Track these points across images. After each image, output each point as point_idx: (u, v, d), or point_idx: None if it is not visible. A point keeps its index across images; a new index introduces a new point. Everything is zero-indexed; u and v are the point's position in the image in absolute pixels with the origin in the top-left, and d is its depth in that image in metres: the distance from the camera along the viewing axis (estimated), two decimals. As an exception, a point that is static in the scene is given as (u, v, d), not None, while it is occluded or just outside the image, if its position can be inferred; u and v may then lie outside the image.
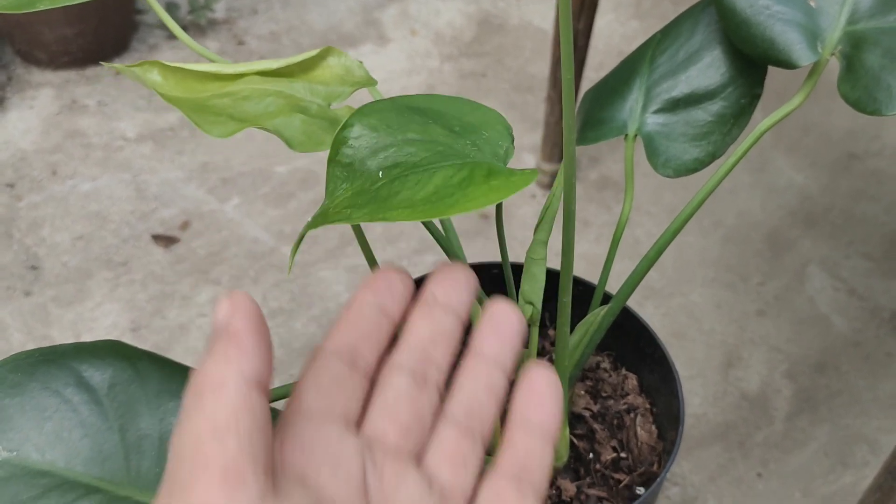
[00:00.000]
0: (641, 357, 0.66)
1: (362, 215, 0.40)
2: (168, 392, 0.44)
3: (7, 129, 1.44)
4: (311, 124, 0.47)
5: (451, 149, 0.43)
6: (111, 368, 0.43)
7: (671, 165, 0.56)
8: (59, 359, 0.43)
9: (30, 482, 0.40)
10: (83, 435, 0.42)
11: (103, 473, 0.41)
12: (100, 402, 0.43)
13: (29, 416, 0.42)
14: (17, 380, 0.42)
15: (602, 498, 0.59)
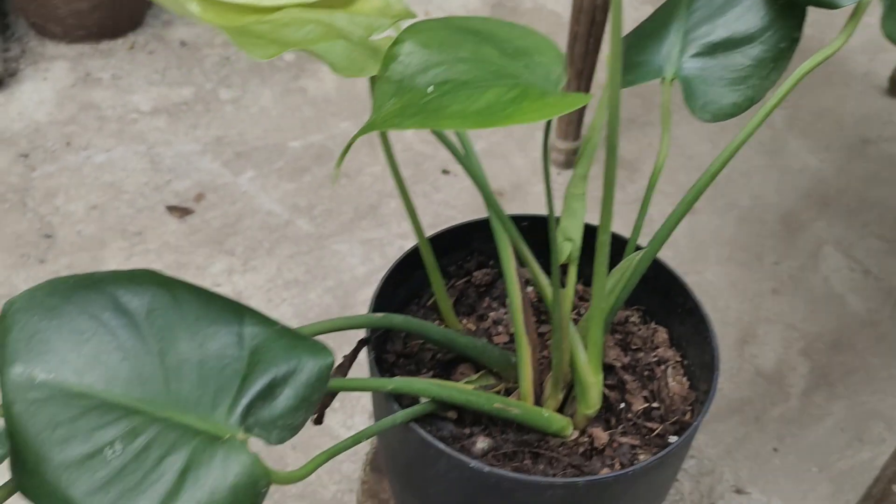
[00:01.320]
0: (672, 309, 0.65)
1: (413, 123, 0.40)
2: (206, 318, 0.43)
3: (21, 100, 1.44)
4: (353, 50, 0.47)
5: (504, 69, 0.43)
6: (148, 294, 0.43)
7: (709, 109, 0.56)
8: (95, 284, 0.43)
9: (68, 403, 0.40)
10: (122, 358, 0.41)
11: (143, 395, 0.41)
12: (138, 326, 0.42)
13: (66, 340, 0.41)
14: (53, 303, 0.42)
15: (635, 446, 0.59)
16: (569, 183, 0.50)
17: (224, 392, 0.41)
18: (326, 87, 1.54)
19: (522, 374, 0.60)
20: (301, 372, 0.42)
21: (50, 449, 0.38)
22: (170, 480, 0.38)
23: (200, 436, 0.40)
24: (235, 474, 0.39)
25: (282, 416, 0.41)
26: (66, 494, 0.38)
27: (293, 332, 0.43)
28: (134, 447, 0.39)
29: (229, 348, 0.42)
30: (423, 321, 0.56)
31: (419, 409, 0.54)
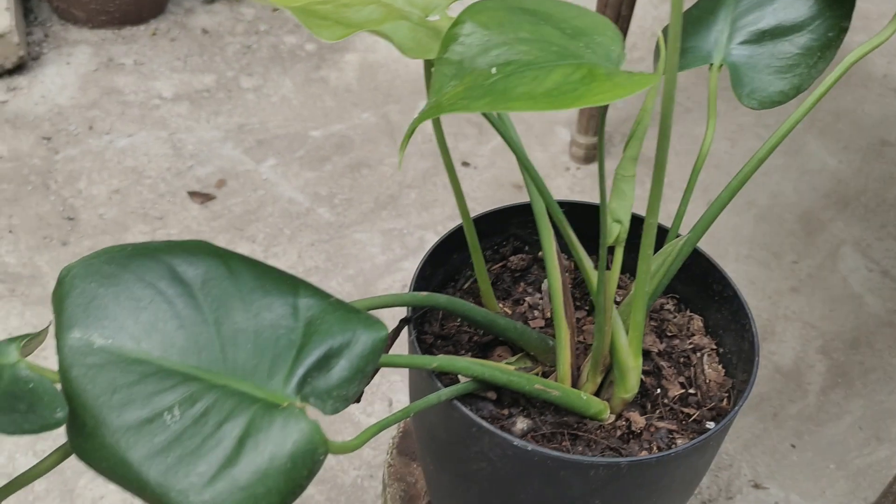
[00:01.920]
0: (708, 297, 0.66)
1: (481, 105, 0.40)
2: (261, 289, 0.43)
3: (44, 83, 1.44)
4: (417, 31, 0.47)
5: (565, 49, 0.43)
6: (204, 265, 0.43)
7: (756, 97, 0.56)
8: (152, 253, 0.43)
9: (126, 369, 0.40)
10: (178, 326, 0.42)
11: (200, 363, 0.41)
12: (194, 296, 0.42)
13: (124, 307, 0.41)
14: (111, 271, 0.42)
15: (672, 430, 0.59)
16: (618, 165, 0.50)
17: (280, 362, 0.42)
18: (347, 77, 1.54)
19: (561, 358, 0.60)
20: (356, 344, 0.42)
21: (108, 413, 0.39)
22: (229, 446, 0.39)
23: (259, 403, 0.40)
24: (295, 441, 0.39)
25: (336, 386, 0.42)
26: (125, 457, 0.38)
27: (347, 305, 0.44)
28: (192, 413, 0.39)
29: (284, 319, 0.42)
30: (465, 302, 0.56)
31: (461, 388, 0.55)
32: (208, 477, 0.37)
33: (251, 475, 0.38)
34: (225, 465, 0.38)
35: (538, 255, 0.72)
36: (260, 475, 0.38)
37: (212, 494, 0.37)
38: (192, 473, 0.37)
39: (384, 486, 0.80)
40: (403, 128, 1.45)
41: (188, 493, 0.37)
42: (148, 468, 0.38)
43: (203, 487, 0.37)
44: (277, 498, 0.38)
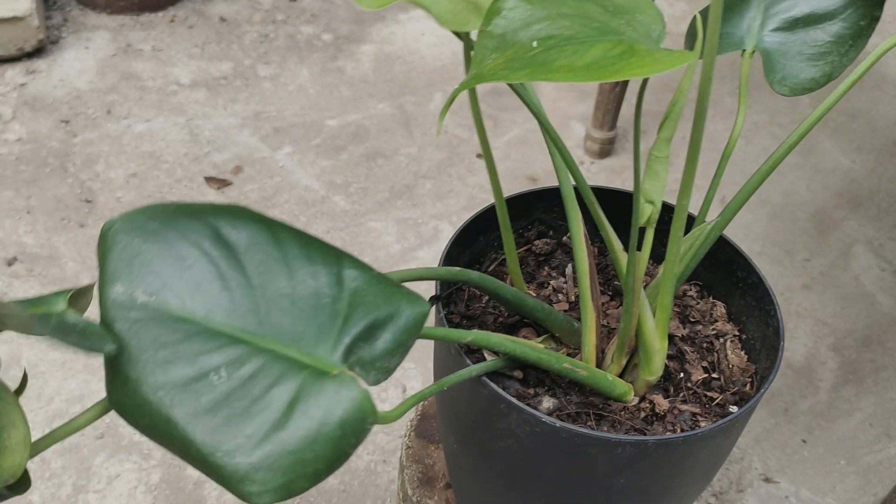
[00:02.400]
0: (732, 284, 0.66)
1: (522, 75, 0.41)
2: (306, 257, 0.43)
3: (63, 67, 1.45)
4: (455, 3, 0.48)
5: (606, 26, 0.43)
6: (248, 229, 0.43)
7: (787, 83, 0.56)
8: (196, 213, 0.42)
9: (170, 327, 0.40)
10: (222, 288, 0.41)
11: (245, 326, 0.41)
12: (238, 259, 0.42)
13: (168, 264, 0.41)
14: (154, 227, 0.41)
15: (695, 413, 0.60)
16: (652, 146, 0.51)
17: (326, 330, 0.41)
18: (364, 68, 1.54)
19: (586, 340, 0.61)
20: (400, 318, 0.42)
21: (153, 370, 0.38)
22: (278, 410, 0.38)
23: (308, 369, 0.40)
24: (345, 408, 0.39)
25: (380, 357, 0.41)
26: (168, 415, 0.38)
27: (389, 279, 0.44)
28: (240, 375, 0.39)
29: (329, 288, 0.42)
30: (497, 280, 0.57)
31: (491, 365, 0.55)
32: (257, 439, 0.37)
33: (300, 440, 0.38)
34: (273, 429, 0.38)
35: (562, 240, 0.72)
36: (309, 441, 0.38)
37: (259, 456, 0.37)
38: (239, 435, 0.37)
39: (402, 467, 0.80)
40: (418, 119, 1.45)
41: (235, 453, 0.37)
42: (193, 427, 0.38)
43: (251, 449, 0.37)
44: (324, 465, 0.38)
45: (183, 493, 0.95)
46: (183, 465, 0.97)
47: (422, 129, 1.43)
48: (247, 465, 0.37)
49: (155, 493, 0.94)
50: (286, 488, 0.38)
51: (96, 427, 0.99)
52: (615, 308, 0.67)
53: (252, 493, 0.37)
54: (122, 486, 0.94)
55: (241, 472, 0.37)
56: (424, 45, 1.60)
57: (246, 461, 0.37)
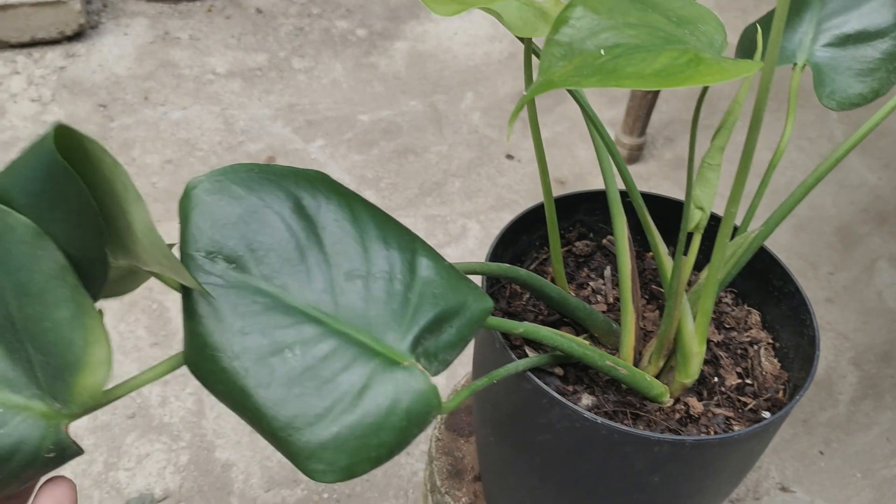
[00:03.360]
0: (767, 293, 0.67)
1: (592, 82, 0.42)
2: (383, 240, 0.42)
3: (102, 52, 1.47)
4: (525, 11, 0.49)
5: (671, 35, 0.45)
6: (329, 203, 0.42)
7: (835, 98, 0.58)
8: (278, 180, 0.41)
9: (248, 297, 0.39)
10: (300, 261, 0.40)
11: (319, 304, 0.40)
12: (317, 234, 0.41)
13: (251, 232, 0.40)
14: (239, 192, 0.40)
15: (729, 417, 0.61)
16: (705, 154, 0.52)
17: (398, 318, 0.41)
18: (397, 65, 1.56)
19: (624, 340, 0.62)
20: (466, 312, 0.42)
21: (230, 337, 0.38)
22: (348, 393, 0.39)
23: (380, 357, 0.40)
24: (413, 400, 0.39)
25: (443, 349, 0.42)
26: (243, 384, 0.38)
27: (458, 271, 0.44)
28: (314, 354, 0.39)
29: (402, 275, 0.42)
30: (542, 278, 0.58)
31: (536, 361, 0.57)
32: (327, 420, 0.38)
33: (367, 426, 0.38)
34: (343, 412, 0.38)
35: (602, 243, 0.73)
36: (375, 427, 0.38)
37: (328, 436, 0.38)
38: (310, 413, 0.38)
39: (430, 458, 0.82)
40: (450, 117, 1.47)
41: (304, 431, 0.38)
42: (266, 400, 0.38)
43: (321, 429, 0.38)
44: (386, 451, 0.39)
45: (211, 475, 0.97)
46: (211, 447, 0.99)
47: (453, 128, 1.45)
48: (315, 443, 0.38)
49: (183, 473, 0.96)
50: (349, 470, 0.39)
51: (128, 407, 1.02)
52: (651, 311, 0.69)
53: (317, 471, 0.38)
54: (152, 465, 0.96)
55: (309, 449, 0.38)
56: (457, 45, 1.62)
57: (315, 439, 0.38)
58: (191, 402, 1.03)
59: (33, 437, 0.33)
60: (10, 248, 0.33)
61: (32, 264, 0.33)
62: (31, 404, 0.33)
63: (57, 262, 0.33)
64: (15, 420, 0.33)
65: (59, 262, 0.33)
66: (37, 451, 0.33)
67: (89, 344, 0.33)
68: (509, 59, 1.62)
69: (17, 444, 0.32)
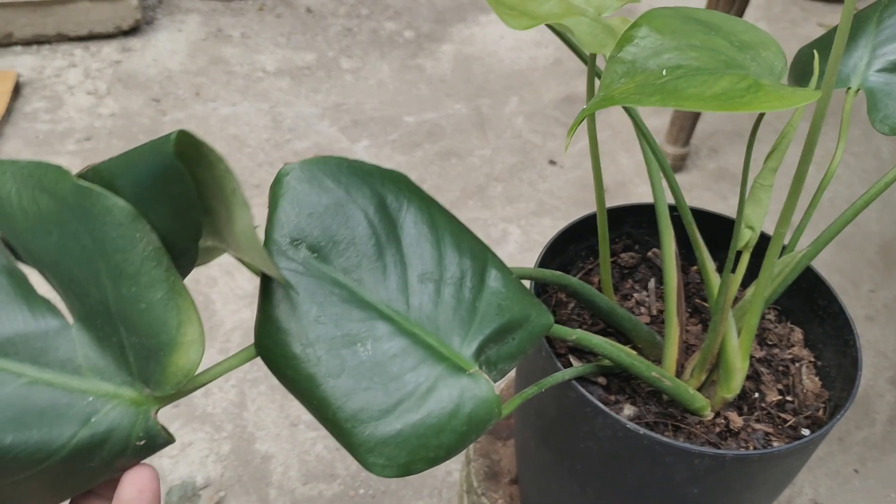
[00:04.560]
0: (811, 311, 0.68)
1: (653, 101, 0.43)
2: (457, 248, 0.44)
3: (156, 47, 1.51)
4: (594, 27, 0.50)
5: (733, 60, 0.46)
6: (410, 205, 0.43)
7: (888, 122, 0.58)
8: (365, 176, 0.42)
9: (326, 288, 0.40)
10: (378, 259, 0.41)
11: (390, 303, 0.41)
12: (397, 234, 0.42)
13: (336, 224, 0.41)
14: (329, 185, 0.41)
15: (768, 433, 0.62)
16: (758, 174, 0.53)
17: (465, 325, 0.43)
18: (443, 67, 1.58)
19: (667, 353, 0.63)
20: (528, 325, 0.43)
21: (305, 325, 0.39)
22: (414, 394, 0.40)
23: (447, 362, 0.41)
24: (476, 405, 0.40)
25: (503, 359, 0.43)
26: (312, 372, 0.39)
27: (523, 285, 0.45)
28: (383, 350, 0.40)
29: (473, 283, 0.43)
30: (592, 287, 0.59)
31: (583, 370, 0.58)
32: (391, 416, 0.39)
33: (429, 427, 0.39)
34: (408, 410, 0.39)
35: (647, 255, 0.74)
36: (437, 429, 0.39)
37: (391, 433, 0.39)
38: (375, 408, 0.39)
39: (468, 460, 0.83)
40: (493, 121, 1.48)
41: (368, 424, 0.39)
42: (333, 390, 0.39)
43: (385, 424, 0.39)
44: (444, 452, 0.40)
45: (250, 465, 0.99)
46: (251, 439, 1.02)
47: (496, 132, 1.46)
48: (378, 437, 0.39)
49: (224, 463, 0.99)
50: (406, 467, 0.40)
51: (173, 394, 1.04)
52: (694, 325, 0.70)
53: (376, 465, 0.39)
54: (195, 453, 0.99)
55: (371, 443, 0.39)
56: (503, 49, 1.63)
57: (378, 434, 0.39)
58: (233, 393, 1.06)
59: (124, 425, 0.34)
60: (107, 230, 0.34)
61: (129, 245, 0.34)
62: (121, 391, 0.35)
63: (153, 244, 0.34)
64: (106, 407, 0.34)
65: (154, 244, 0.34)
66: (127, 438, 0.34)
67: (182, 324, 0.34)
68: (555, 65, 1.62)
69: (108, 431, 0.34)
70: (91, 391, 0.34)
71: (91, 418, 0.33)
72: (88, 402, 0.34)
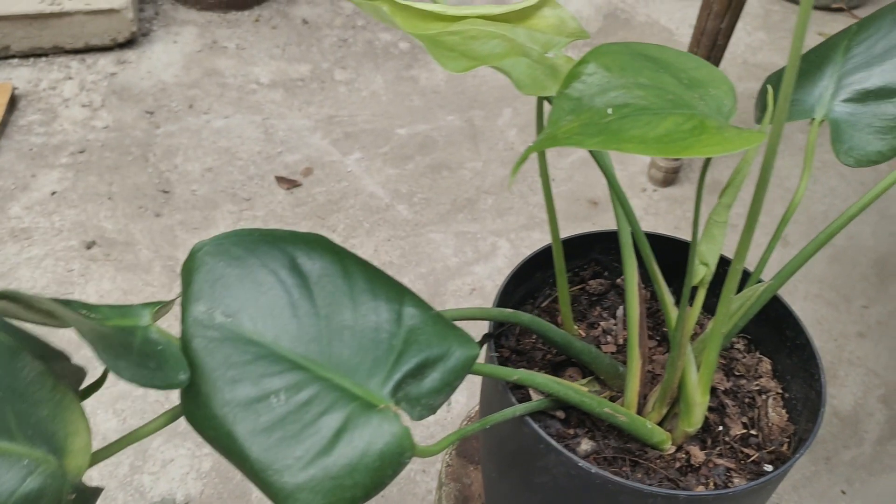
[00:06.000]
0: (780, 342, 0.67)
1: (594, 143, 0.43)
2: (371, 292, 0.46)
3: (151, 60, 1.52)
4: (534, 68, 0.50)
5: (680, 98, 0.45)
6: (322, 260, 0.46)
7: (853, 154, 0.57)
8: (276, 241, 0.46)
9: (242, 348, 0.43)
10: (292, 315, 0.44)
11: (307, 353, 0.44)
12: (310, 288, 0.45)
13: (247, 289, 0.44)
14: (238, 253, 0.45)
15: (730, 469, 0.61)
16: (712, 210, 0.52)
17: (380, 364, 0.44)
18: (436, 79, 1.58)
19: (629, 385, 0.63)
20: (450, 358, 0.45)
21: (221, 386, 0.42)
22: (326, 437, 0.42)
23: (358, 401, 0.43)
24: (386, 442, 0.42)
25: (426, 395, 0.44)
26: (231, 430, 0.41)
27: (445, 319, 0.46)
28: (297, 400, 0.42)
29: (388, 324, 0.45)
30: (546, 322, 0.59)
31: (535, 405, 0.58)
32: (305, 462, 0.41)
33: (342, 467, 0.41)
34: (320, 454, 0.41)
35: (616, 282, 0.74)
36: (350, 468, 0.41)
37: (305, 478, 0.40)
38: (290, 456, 0.41)
39: (440, 483, 0.83)
40: (486, 133, 1.48)
41: (284, 472, 0.41)
42: (251, 444, 0.41)
43: (299, 470, 0.41)
44: (362, 492, 0.41)
45: (231, 482, 0.99)
46: (234, 454, 1.02)
47: (488, 144, 1.46)
48: (293, 485, 0.41)
49: (205, 480, 0.99)
50: None
51: (156, 411, 1.05)
52: (662, 354, 0.69)
53: None
54: (176, 470, 1.00)
55: (287, 490, 0.40)
56: (498, 60, 1.63)
57: (292, 481, 0.40)
58: (217, 409, 1.06)
59: (55, 483, 0.37)
60: None
61: (15, 373, 0.38)
62: (48, 458, 0.37)
63: (35, 370, 0.38)
64: (40, 468, 0.37)
65: (37, 369, 0.38)
66: (59, 494, 0.37)
67: (69, 435, 0.38)
68: (549, 76, 1.62)
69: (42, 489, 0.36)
70: (26, 455, 0.37)
71: (27, 477, 0.36)
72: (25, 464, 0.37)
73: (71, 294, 1.15)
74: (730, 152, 0.40)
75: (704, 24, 1.22)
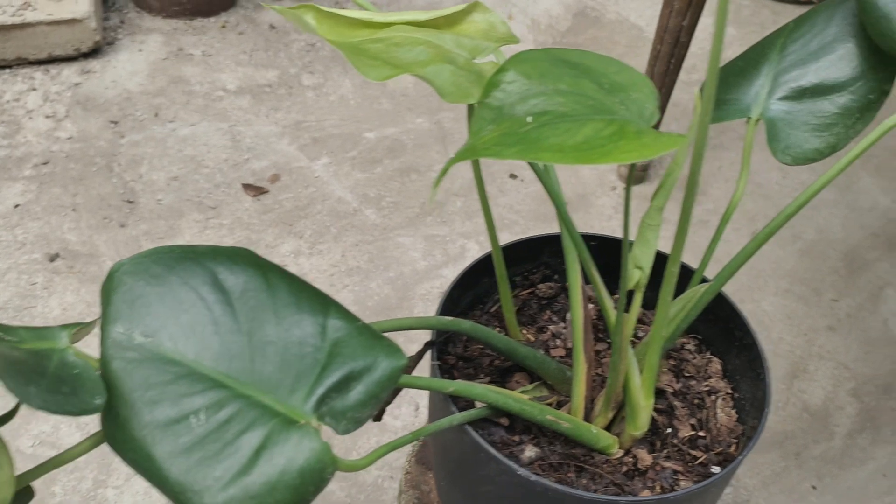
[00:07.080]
0: (729, 342, 0.67)
1: (512, 153, 0.42)
2: (295, 306, 0.45)
3: (116, 69, 1.51)
4: (458, 75, 0.49)
5: (600, 104, 0.45)
6: (244, 275, 0.45)
7: (790, 153, 0.57)
8: (198, 258, 0.45)
9: (161, 368, 0.42)
10: (214, 332, 0.44)
11: (229, 371, 0.43)
12: (231, 304, 0.44)
13: (167, 307, 0.44)
14: (158, 271, 0.44)
15: (677, 471, 0.61)
16: (645, 213, 0.52)
17: (303, 379, 0.44)
18: (405, 80, 1.57)
19: (576, 390, 0.63)
20: (376, 370, 0.44)
21: (141, 408, 0.41)
22: (245, 455, 0.41)
23: (278, 417, 0.42)
24: (306, 458, 0.41)
25: (352, 408, 0.44)
26: (150, 452, 0.41)
27: (372, 330, 0.46)
28: (217, 419, 0.42)
29: (312, 338, 0.45)
30: (488, 329, 0.59)
31: (475, 414, 0.57)
32: (224, 482, 0.40)
33: (262, 486, 0.40)
34: (239, 473, 0.41)
35: (566, 285, 0.74)
36: (270, 487, 0.40)
37: (224, 498, 0.40)
38: (209, 477, 0.40)
39: (400, 491, 0.83)
40: (455, 135, 1.47)
41: (203, 494, 0.40)
42: (170, 465, 0.40)
43: (217, 491, 0.40)
44: None
45: (197, 493, 0.99)
46: (199, 466, 1.01)
47: (457, 146, 1.45)
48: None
49: (171, 491, 0.98)
50: None
51: (120, 423, 1.04)
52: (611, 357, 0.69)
53: None
54: (140, 483, 0.99)
55: None
56: (466, 61, 1.62)
57: (211, 502, 0.40)
58: (182, 420, 1.05)
59: None
60: None
61: None
62: None
63: None
64: None
65: None
66: None
67: None
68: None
69: None
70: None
71: None
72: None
73: (34, 308, 1.14)
74: (648, 157, 0.40)
75: (667, 22, 1.22)
